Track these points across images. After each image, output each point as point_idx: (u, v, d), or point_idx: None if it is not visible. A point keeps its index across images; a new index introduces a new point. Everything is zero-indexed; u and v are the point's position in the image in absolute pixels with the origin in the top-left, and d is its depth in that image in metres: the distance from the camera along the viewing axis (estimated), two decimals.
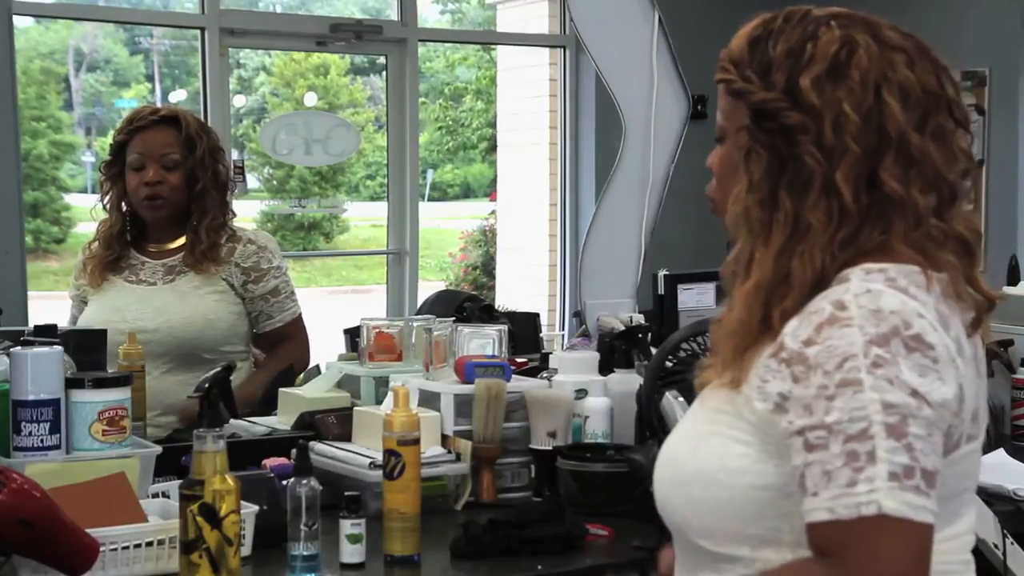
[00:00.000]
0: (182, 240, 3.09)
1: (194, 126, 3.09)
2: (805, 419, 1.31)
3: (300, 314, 3.18)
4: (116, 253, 3.08)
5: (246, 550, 2.03)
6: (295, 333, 3.16)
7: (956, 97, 1.45)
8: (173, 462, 2.31)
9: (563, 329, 5.92)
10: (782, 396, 1.34)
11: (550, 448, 2.49)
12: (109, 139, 3.20)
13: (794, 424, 1.32)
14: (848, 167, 1.39)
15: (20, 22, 6.43)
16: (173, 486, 2.15)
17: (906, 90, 1.41)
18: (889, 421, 1.27)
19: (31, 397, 2.17)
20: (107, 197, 3.10)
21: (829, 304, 1.34)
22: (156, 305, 3.02)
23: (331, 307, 8.53)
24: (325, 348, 3.32)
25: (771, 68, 1.43)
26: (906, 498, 1.26)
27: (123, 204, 3.10)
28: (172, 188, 3.04)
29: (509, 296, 6.90)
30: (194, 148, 3.05)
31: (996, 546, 2.18)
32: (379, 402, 2.62)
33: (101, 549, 1.90)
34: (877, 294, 1.34)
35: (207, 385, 2.62)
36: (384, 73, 6.50)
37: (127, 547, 1.97)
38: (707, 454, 1.43)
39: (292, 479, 2.00)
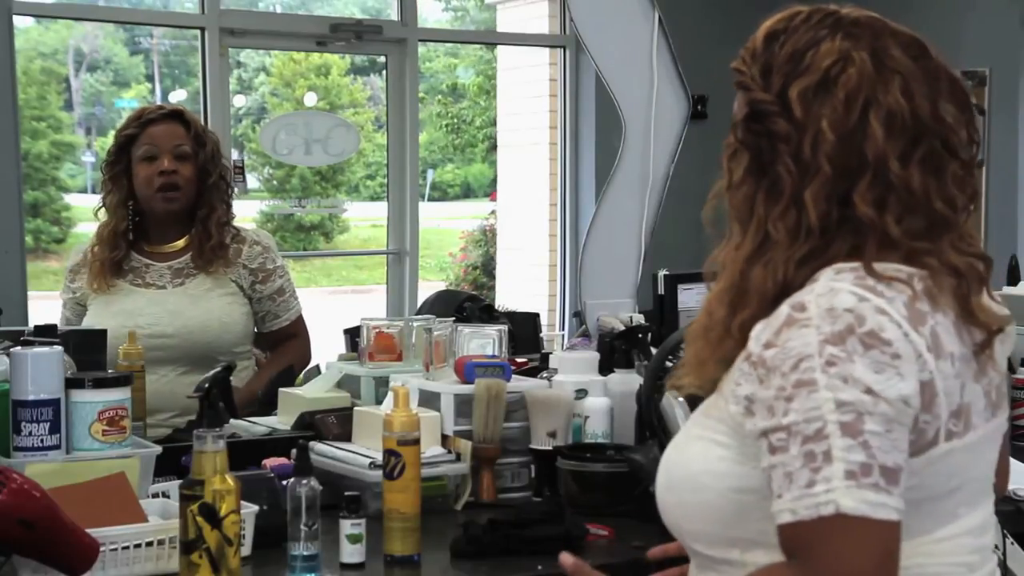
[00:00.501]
0: (183, 242, 3.09)
1: (199, 125, 3.12)
2: (767, 421, 1.31)
3: (301, 312, 3.21)
4: (122, 252, 3.06)
5: (246, 550, 2.02)
6: (299, 331, 3.21)
7: (958, 126, 1.40)
8: (173, 462, 2.31)
9: (563, 329, 5.93)
10: (748, 399, 1.35)
11: (550, 448, 2.48)
12: (109, 139, 3.19)
13: (758, 426, 1.33)
14: (818, 185, 1.37)
15: (20, 22, 6.42)
16: (173, 486, 2.15)
17: (893, 115, 1.37)
18: (843, 419, 1.27)
19: (31, 397, 2.17)
20: (109, 196, 3.07)
21: (788, 307, 1.33)
22: (170, 309, 3.02)
23: (331, 307, 8.52)
24: (325, 348, 3.32)
25: (772, 69, 1.41)
26: (864, 496, 1.25)
27: (128, 203, 3.07)
28: (186, 179, 3.04)
29: (509, 296, 6.90)
30: (203, 144, 3.07)
31: (996, 546, 2.17)
32: (379, 402, 2.62)
33: (101, 549, 1.89)
34: (834, 292, 1.32)
35: (207, 385, 2.62)
36: (384, 73, 6.49)
37: (127, 547, 1.96)
38: (693, 457, 1.43)
39: (292, 479, 2.00)
